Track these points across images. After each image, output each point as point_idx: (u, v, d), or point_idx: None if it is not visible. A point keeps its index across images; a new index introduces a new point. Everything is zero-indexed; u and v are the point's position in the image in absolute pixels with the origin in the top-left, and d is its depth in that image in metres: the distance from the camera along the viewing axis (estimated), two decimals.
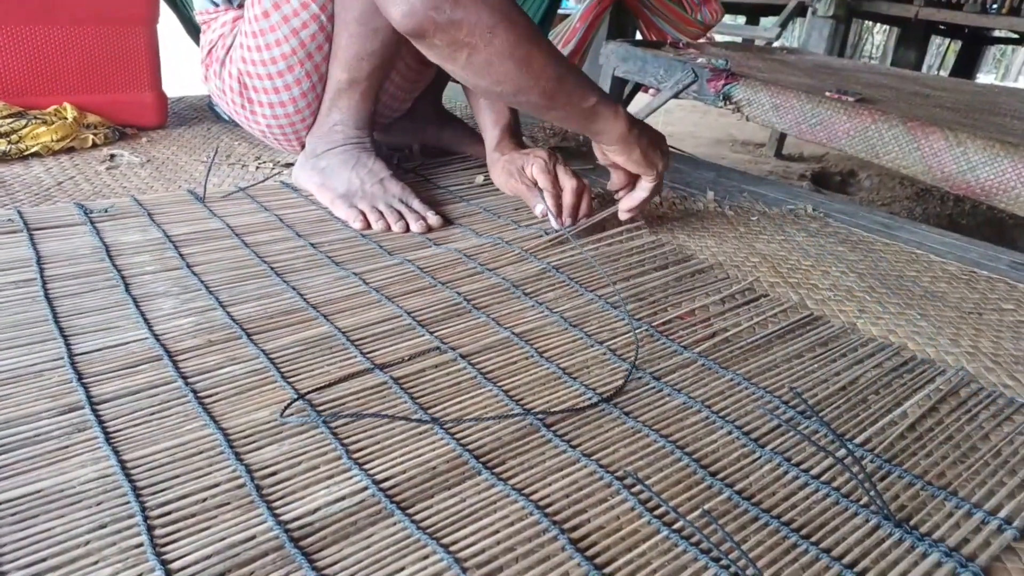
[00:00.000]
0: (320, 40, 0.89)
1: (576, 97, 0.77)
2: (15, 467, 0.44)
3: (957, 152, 1.23)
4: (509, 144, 0.96)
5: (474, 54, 0.70)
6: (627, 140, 0.80)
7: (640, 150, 0.82)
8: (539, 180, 0.88)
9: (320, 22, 0.87)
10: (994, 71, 9.64)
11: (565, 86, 0.75)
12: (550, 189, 0.87)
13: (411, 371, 0.57)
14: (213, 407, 0.51)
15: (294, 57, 0.89)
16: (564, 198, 0.87)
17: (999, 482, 0.50)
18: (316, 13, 0.87)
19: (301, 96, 0.92)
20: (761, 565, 0.41)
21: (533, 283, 0.75)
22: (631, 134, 0.80)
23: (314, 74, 0.91)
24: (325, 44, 0.89)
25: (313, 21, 0.87)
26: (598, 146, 0.84)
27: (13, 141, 1.01)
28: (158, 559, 0.38)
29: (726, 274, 0.81)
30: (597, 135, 0.81)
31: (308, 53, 0.89)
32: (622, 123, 0.80)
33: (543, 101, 0.76)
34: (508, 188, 0.94)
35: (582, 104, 0.77)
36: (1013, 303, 0.80)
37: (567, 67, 0.75)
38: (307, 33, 0.88)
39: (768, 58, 2.22)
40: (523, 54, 0.71)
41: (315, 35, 0.88)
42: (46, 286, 0.66)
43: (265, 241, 0.80)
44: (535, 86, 0.74)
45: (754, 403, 0.56)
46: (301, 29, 0.88)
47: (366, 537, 0.41)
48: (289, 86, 0.92)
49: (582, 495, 0.45)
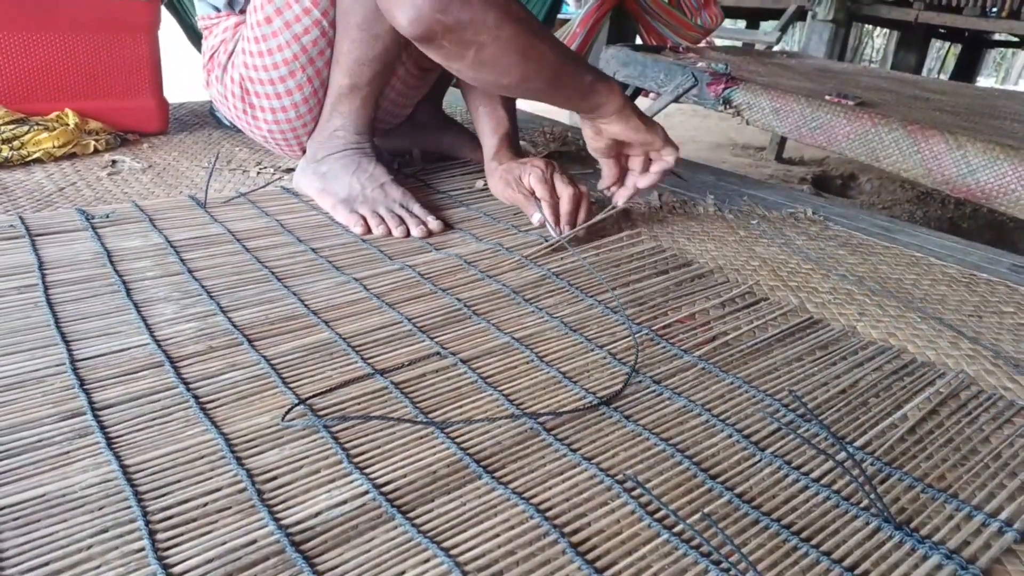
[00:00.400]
0: (322, 45, 0.89)
1: (576, 78, 0.80)
2: (18, 472, 0.44)
3: (957, 155, 1.24)
4: (507, 153, 0.96)
5: (481, 51, 0.72)
6: (624, 110, 0.83)
7: (638, 117, 0.84)
8: (536, 189, 0.88)
9: (322, 27, 0.88)
10: (994, 74, 9.65)
11: (566, 69, 0.79)
12: (547, 198, 0.87)
13: (412, 376, 0.57)
14: (214, 412, 0.51)
15: (296, 62, 0.89)
16: (561, 206, 0.87)
17: (999, 484, 0.50)
18: (318, 18, 0.87)
19: (303, 101, 0.93)
20: (761, 568, 0.41)
21: (532, 289, 0.75)
22: (628, 104, 0.84)
23: (315, 79, 0.91)
24: (327, 49, 0.89)
25: (315, 27, 0.88)
26: (592, 128, 0.86)
27: (15, 147, 1.01)
28: (160, 563, 0.38)
29: (726, 278, 0.81)
30: (597, 108, 0.83)
31: (310, 58, 0.89)
32: (618, 94, 0.83)
33: (546, 86, 0.79)
34: (505, 197, 0.94)
35: (581, 83, 0.81)
36: (1013, 306, 0.80)
37: (564, 50, 0.78)
38: (309, 38, 0.88)
39: (768, 62, 2.22)
40: (526, 44, 0.74)
41: (317, 40, 0.88)
42: (48, 292, 0.66)
43: (266, 246, 0.80)
44: (540, 74, 0.77)
45: (754, 406, 0.57)
46: (303, 34, 0.88)
47: (367, 541, 0.41)
48: (291, 91, 0.92)
49: (582, 499, 0.45)
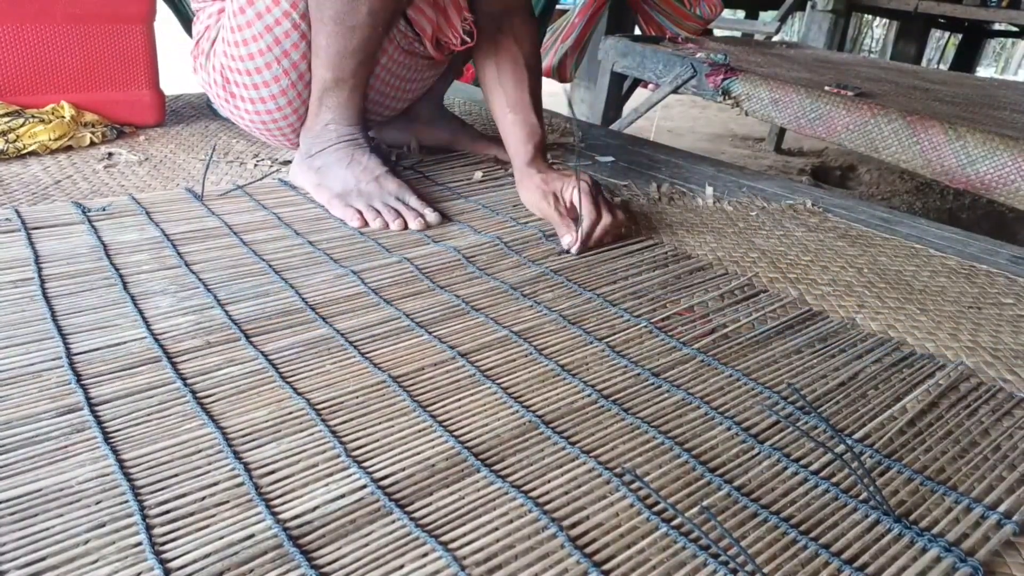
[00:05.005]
0: (295, 38, 0.88)
1: None
2: (14, 467, 0.44)
3: (956, 146, 1.23)
4: (543, 163, 0.94)
5: None
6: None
7: None
8: (584, 208, 0.82)
9: (292, 19, 0.86)
10: (994, 64, 9.62)
11: None
12: (593, 220, 0.82)
13: (410, 370, 0.57)
14: (212, 406, 0.51)
15: (270, 54, 0.88)
16: (597, 231, 0.83)
17: (998, 477, 0.50)
18: (287, 10, 0.86)
19: (281, 93, 0.92)
20: (760, 561, 0.41)
21: (531, 285, 0.74)
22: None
23: (292, 72, 0.90)
24: (301, 42, 0.88)
25: (285, 18, 0.86)
26: None
27: (10, 140, 1.01)
28: (157, 558, 0.38)
29: (725, 270, 0.81)
30: None
31: (284, 51, 0.88)
32: None
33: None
34: (539, 209, 0.90)
35: None
36: (1013, 297, 0.80)
37: None
38: (281, 30, 0.87)
39: (767, 53, 2.21)
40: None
41: (289, 32, 0.87)
42: (44, 285, 0.65)
43: (263, 239, 0.80)
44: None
45: (753, 399, 0.56)
46: (275, 26, 0.87)
47: (365, 535, 0.41)
48: (268, 83, 0.91)
49: (581, 492, 0.45)
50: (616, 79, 2.10)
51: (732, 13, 4.40)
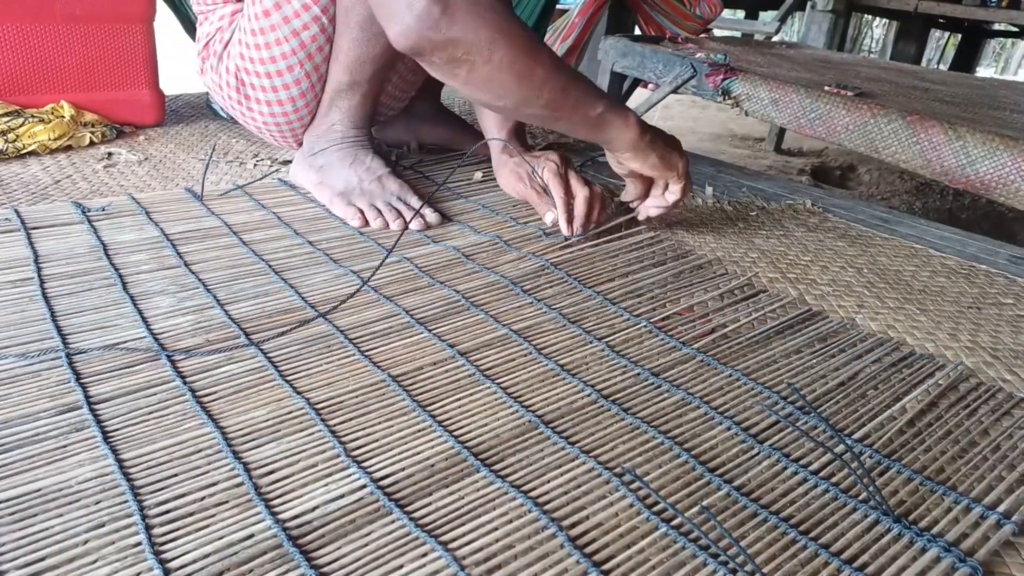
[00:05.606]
0: (321, 42, 0.88)
1: (582, 107, 0.75)
2: (13, 467, 0.44)
3: (956, 146, 1.23)
4: (518, 145, 0.94)
5: (473, 71, 0.69)
6: (640, 146, 0.78)
7: (656, 154, 0.79)
8: (551, 186, 0.84)
9: (321, 24, 0.87)
10: (994, 64, 9.62)
11: (569, 97, 0.74)
12: (562, 196, 0.84)
13: (410, 369, 0.57)
14: (211, 406, 0.51)
15: (294, 57, 0.89)
16: (576, 207, 0.84)
17: (998, 477, 0.50)
18: (318, 15, 0.86)
19: (300, 96, 0.92)
20: (760, 561, 0.41)
21: (531, 280, 0.74)
22: (643, 140, 0.78)
23: (313, 74, 0.90)
24: (326, 46, 0.88)
25: (315, 23, 0.87)
26: (612, 155, 0.82)
27: (10, 139, 1.01)
28: (156, 558, 0.38)
29: (725, 270, 0.81)
30: (608, 143, 0.80)
31: (308, 54, 0.88)
32: (633, 129, 0.78)
33: (547, 112, 0.74)
34: (516, 192, 0.92)
35: (589, 113, 0.75)
36: (1012, 297, 0.80)
37: (571, 77, 0.74)
38: (308, 35, 0.87)
39: (767, 53, 2.21)
40: (523, 68, 0.70)
41: (316, 37, 0.87)
42: (43, 285, 0.65)
43: (263, 239, 0.80)
44: (538, 99, 0.72)
45: (753, 399, 0.56)
46: (302, 30, 0.87)
47: (365, 535, 0.41)
48: (288, 86, 0.91)
49: (581, 492, 0.45)
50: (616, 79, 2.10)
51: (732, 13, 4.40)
